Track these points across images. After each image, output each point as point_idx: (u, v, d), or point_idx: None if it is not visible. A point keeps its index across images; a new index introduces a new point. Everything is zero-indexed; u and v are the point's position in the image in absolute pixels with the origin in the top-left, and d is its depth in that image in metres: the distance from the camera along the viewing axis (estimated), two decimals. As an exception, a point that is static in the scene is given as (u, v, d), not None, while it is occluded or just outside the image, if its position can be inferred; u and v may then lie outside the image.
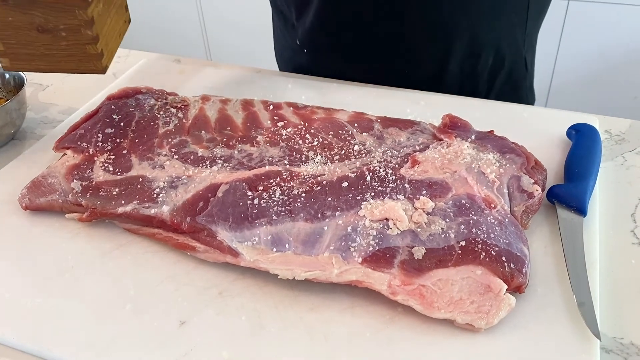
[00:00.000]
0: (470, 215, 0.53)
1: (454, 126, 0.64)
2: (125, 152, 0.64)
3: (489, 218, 0.52)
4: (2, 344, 0.50)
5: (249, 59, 2.19)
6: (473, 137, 0.63)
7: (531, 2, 0.80)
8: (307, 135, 0.65)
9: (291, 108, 0.70)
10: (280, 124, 0.67)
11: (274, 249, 0.52)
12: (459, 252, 0.50)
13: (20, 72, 0.76)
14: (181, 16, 2.22)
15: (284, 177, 0.58)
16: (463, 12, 0.76)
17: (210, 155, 0.63)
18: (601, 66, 1.73)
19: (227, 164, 0.61)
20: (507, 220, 0.53)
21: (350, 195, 0.55)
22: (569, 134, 0.66)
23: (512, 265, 0.49)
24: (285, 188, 0.57)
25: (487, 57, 0.82)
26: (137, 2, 2.24)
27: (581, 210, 0.56)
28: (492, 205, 0.54)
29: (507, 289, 0.48)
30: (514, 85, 0.87)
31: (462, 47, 0.80)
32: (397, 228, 0.52)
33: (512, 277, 0.48)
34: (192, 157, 0.63)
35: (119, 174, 0.61)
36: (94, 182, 0.60)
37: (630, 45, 1.67)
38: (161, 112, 0.70)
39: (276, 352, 0.47)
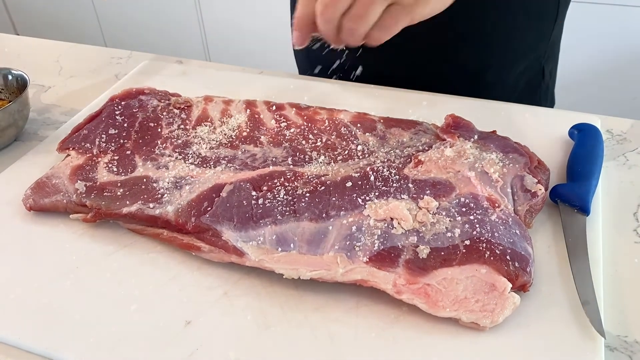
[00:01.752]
0: (474, 214, 0.53)
1: (456, 126, 0.64)
2: (129, 152, 0.65)
3: (492, 217, 0.53)
4: (7, 344, 0.50)
5: (248, 60, 2.20)
6: (476, 137, 0.63)
7: (560, 10, 0.81)
8: (310, 136, 0.65)
9: (294, 109, 0.70)
10: (283, 124, 0.67)
11: (279, 249, 0.52)
12: (464, 251, 0.50)
13: (23, 74, 0.76)
14: (180, 17, 2.22)
15: (288, 177, 0.59)
16: (501, 20, 0.77)
17: (214, 155, 0.63)
18: (600, 67, 1.73)
19: (231, 165, 0.62)
20: (510, 219, 0.53)
21: (355, 195, 0.56)
22: (571, 133, 0.67)
23: (516, 264, 0.49)
24: (289, 188, 0.57)
25: (517, 69, 0.84)
26: (137, 3, 2.24)
27: (584, 210, 0.56)
28: (496, 205, 0.54)
29: (511, 288, 0.48)
30: (529, 93, 0.88)
31: (498, 58, 0.81)
32: (402, 227, 0.52)
33: (516, 276, 0.48)
34: (196, 157, 0.63)
35: (123, 174, 0.62)
36: (98, 183, 0.61)
37: (629, 47, 1.67)
38: (164, 113, 0.70)
39: (282, 351, 0.47)
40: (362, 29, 0.51)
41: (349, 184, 0.57)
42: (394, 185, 0.56)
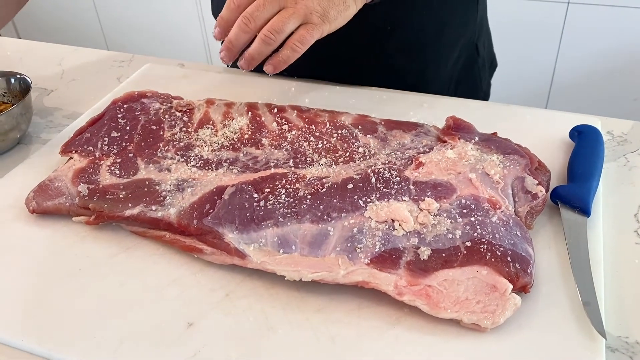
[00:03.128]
0: (475, 216, 0.53)
1: (457, 128, 0.65)
2: (131, 155, 0.65)
3: (493, 219, 0.53)
4: (9, 346, 0.50)
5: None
6: (477, 138, 0.63)
7: None
8: (312, 138, 0.65)
9: (295, 111, 0.70)
10: (285, 126, 0.68)
11: (281, 251, 0.52)
12: (465, 252, 0.50)
13: (26, 77, 0.76)
14: (182, 20, 2.23)
15: (290, 179, 0.59)
16: (427, 21, 0.80)
17: (216, 158, 0.63)
18: (600, 69, 1.73)
19: (232, 167, 0.62)
20: (511, 220, 0.53)
21: (356, 196, 0.56)
22: (571, 135, 0.67)
23: (517, 265, 0.49)
24: (290, 190, 0.57)
25: (452, 56, 0.87)
26: (137, 5, 2.25)
27: (585, 211, 0.56)
28: (497, 206, 0.54)
29: (512, 289, 0.48)
30: (467, 69, 0.92)
31: (432, 56, 0.85)
32: (403, 229, 0.52)
33: (517, 277, 0.49)
34: (198, 160, 0.63)
35: (125, 177, 0.62)
36: (100, 186, 0.61)
37: (630, 47, 1.68)
38: (166, 116, 0.71)
39: (284, 353, 0.47)
40: (278, 39, 0.60)
41: (350, 185, 0.57)
42: (395, 187, 0.57)
